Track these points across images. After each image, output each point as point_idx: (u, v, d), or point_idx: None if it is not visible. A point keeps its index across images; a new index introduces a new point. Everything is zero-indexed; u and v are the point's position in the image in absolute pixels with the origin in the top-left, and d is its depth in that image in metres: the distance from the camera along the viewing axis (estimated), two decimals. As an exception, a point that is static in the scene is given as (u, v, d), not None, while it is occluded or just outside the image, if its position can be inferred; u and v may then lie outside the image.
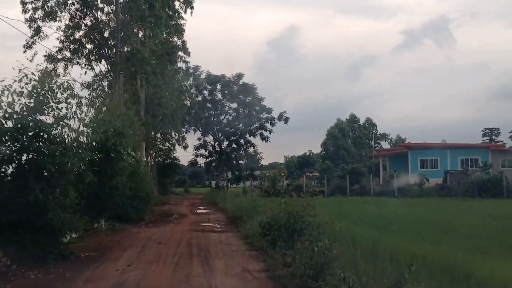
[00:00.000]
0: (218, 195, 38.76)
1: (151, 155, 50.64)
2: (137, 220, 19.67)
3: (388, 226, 16.63)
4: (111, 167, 18.79)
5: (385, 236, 13.62)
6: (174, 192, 63.64)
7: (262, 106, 52.08)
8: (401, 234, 13.82)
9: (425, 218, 20.33)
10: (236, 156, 52.62)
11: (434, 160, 57.48)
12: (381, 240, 12.11)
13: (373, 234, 14.10)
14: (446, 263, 9.08)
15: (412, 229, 15.81)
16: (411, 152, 57.72)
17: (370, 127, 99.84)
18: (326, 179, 52.37)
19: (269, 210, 12.73)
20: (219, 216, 23.66)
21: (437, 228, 16.42)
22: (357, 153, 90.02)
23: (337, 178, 53.86)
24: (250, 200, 20.34)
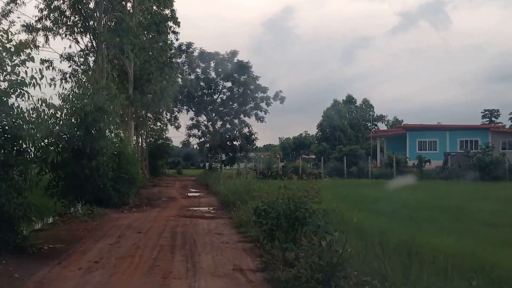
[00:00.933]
0: (211, 177, 37.18)
1: (142, 135, 48.82)
2: (120, 204, 17.98)
3: (396, 213, 15.07)
4: (91, 146, 17.02)
5: (396, 225, 12.04)
6: (166, 173, 61.92)
7: (257, 85, 50.05)
8: (413, 223, 12.20)
9: (433, 203, 18.77)
10: (230, 136, 50.72)
11: (433, 142, 56.33)
12: (394, 230, 10.54)
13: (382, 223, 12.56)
14: (479, 261, 7.45)
15: (423, 216, 14.20)
16: (409, 134, 56.45)
17: (367, 108, 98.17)
18: (322, 161, 50.79)
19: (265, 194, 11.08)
20: (210, 200, 22.02)
21: (450, 214, 14.85)
22: (354, 135, 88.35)
23: (334, 160, 52.41)
24: (244, 183, 18.66)
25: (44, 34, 24.42)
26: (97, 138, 17.40)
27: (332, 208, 8.98)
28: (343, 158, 48.69)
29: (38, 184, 17.54)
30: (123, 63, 31.19)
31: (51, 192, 17.10)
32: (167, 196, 25.07)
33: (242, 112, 50.07)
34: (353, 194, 21.86)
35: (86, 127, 17.20)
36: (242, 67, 49.41)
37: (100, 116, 17.52)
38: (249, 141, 51.16)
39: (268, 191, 11.28)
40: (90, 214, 14.40)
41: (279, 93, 50.70)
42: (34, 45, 23.73)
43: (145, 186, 33.22)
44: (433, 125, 62.58)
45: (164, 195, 26.07)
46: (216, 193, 25.09)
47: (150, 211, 16.94)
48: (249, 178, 18.91)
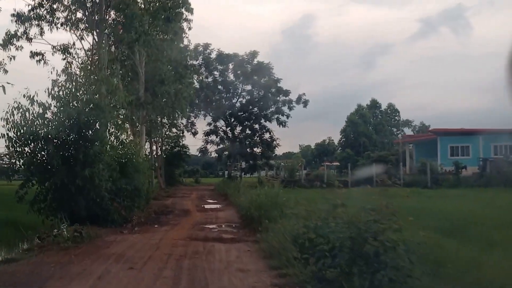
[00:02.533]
0: (230, 187, 34.07)
1: (156, 143, 45.96)
2: (121, 221, 14.87)
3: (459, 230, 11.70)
4: (85, 151, 14.01)
5: (475, 250, 8.75)
6: (183, 183, 58.94)
7: (279, 88, 46.80)
8: (493, 246, 8.93)
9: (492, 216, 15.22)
10: (250, 143, 47.49)
11: (465, 147, 52.49)
12: (482, 262, 7.30)
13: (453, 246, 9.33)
14: None
15: (498, 237, 10.76)
16: (440, 139, 52.78)
17: (392, 113, 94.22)
18: (349, 168, 47.32)
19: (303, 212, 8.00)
20: (230, 214, 18.83)
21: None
22: (379, 141, 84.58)
23: (362, 166, 48.96)
24: (271, 193, 15.38)
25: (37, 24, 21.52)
26: (92, 142, 14.38)
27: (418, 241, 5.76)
28: (372, 165, 45.29)
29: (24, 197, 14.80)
30: (133, 62, 28.40)
31: (38, 208, 14.12)
32: (181, 209, 21.97)
33: (262, 116, 46.85)
34: (395, 206, 18.46)
35: (79, 129, 14.19)
36: (263, 68, 46.26)
37: (96, 115, 14.50)
38: (270, 148, 47.88)
39: (307, 207, 8.26)
40: (77, 237, 11.27)
41: (302, 96, 47.40)
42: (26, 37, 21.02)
43: (158, 197, 30.21)
44: (465, 130, 58.75)
45: (178, 207, 22.98)
46: (236, 205, 21.92)
47: (156, 230, 13.77)
48: (276, 188, 15.66)
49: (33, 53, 21.03)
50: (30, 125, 13.83)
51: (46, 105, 14.12)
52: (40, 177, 14.07)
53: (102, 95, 15.16)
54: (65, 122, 14.20)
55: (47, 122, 14.02)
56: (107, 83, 15.30)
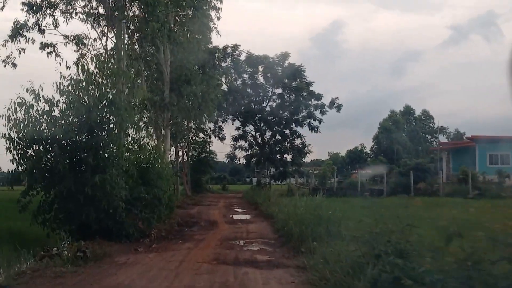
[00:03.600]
0: (260, 195, 31.93)
1: (182, 148, 44.12)
2: (137, 236, 12.81)
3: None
4: (95, 154, 12.03)
5: None
6: (210, 190, 56.96)
7: (311, 91, 44.49)
8: None
9: None
10: (281, 149, 45.20)
11: (505, 155, 49.42)
12: None
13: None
14: None
15: None
16: (478, 146, 49.76)
17: (426, 119, 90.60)
18: (385, 176, 44.72)
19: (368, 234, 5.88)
20: (262, 227, 16.61)
21: None
22: (413, 148, 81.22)
23: (398, 175, 46.14)
24: (311, 205, 13.12)
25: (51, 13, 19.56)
26: (105, 144, 12.41)
27: None
28: (410, 173, 42.52)
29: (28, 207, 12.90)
30: (158, 61, 26.58)
31: (42, 219, 12.19)
32: (207, 220, 19.88)
33: (293, 121, 44.54)
34: (444, 218, 16.10)
35: (90, 128, 12.22)
36: (294, 71, 44.01)
37: (110, 112, 12.52)
38: (301, 154, 45.50)
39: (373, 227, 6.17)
40: (80, 258, 9.22)
41: (335, 100, 45.00)
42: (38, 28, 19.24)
43: (183, 205, 28.27)
44: (506, 137, 55.50)
45: (204, 218, 20.90)
46: (268, 216, 19.76)
47: (177, 248, 11.62)
48: (318, 198, 13.40)
49: (44, 44, 19.24)
50: (34, 124, 11.94)
51: (53, 101, 12.22)
52: (44, 184, 12.13)
53: (118, 91, 13.19)
54: (74, 120, 12.28)
55: (53, 121, 12.11)
56: (124, 76, 13.29)
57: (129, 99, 13.38)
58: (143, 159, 17.91)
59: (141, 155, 17.83)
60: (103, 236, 12.10)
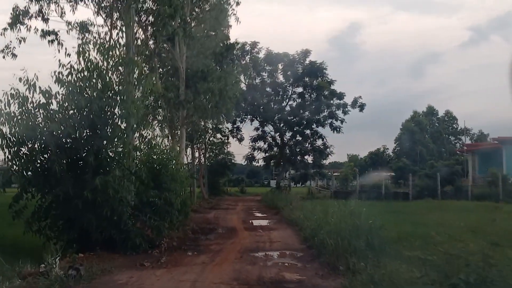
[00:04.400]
0: (280, 198, 30.27)
1: (199, 149, 42.59)
2: (145, 246, 11.16)
3: None
4: (97, 153, 10.47)
5: None
6: (228, 192, 55.34)
7: (332, 90, 42.66)
8: None
9: None
10: (301, 150, 43.37)
11: (533, 157, 47.07)
12: None
13: None
14: None
15: None
16: (505, 148, 47.48)
17: (449, 120, 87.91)
18: (411, 179, 42.72)
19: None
20: (286, 236, 14.87)
21: None
22: (436, 150, 78.67)
23: (425, 177, 44.06)
24: (345, 211, 11.35)
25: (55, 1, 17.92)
26: (108, 141, 10.84)
27: None
28: (437, 176, 40.46)
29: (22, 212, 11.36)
30: (172, 56, 25.05)
31: (38, 227, 10.66)
32: (225, 226, 18.22)
33: (314, 121, 42.72)
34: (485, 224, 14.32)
35: (91, 123, 10.65)
36: (315, 69, 42.26)
37: (115, 105, 10.94)
38: (323, 155, 43.64)
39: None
40: (72, 277, 7.60)
41: (358, 99, 43.06)
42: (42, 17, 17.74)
43: (200, 209, 26.71)
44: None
45: (221, 223, 19.26)
46: (291, 222, 18.08)
47: (190, 263, 9.92)
48: (352, 205, 11.61)
49: (45, 32, 17.71)
50: (29, 118, 10.42)
51: (50, 92, 10.68)
52: (39, 186, 10.59)
53: (125, 81, 11.61)
54: (73, 114, 10.73)
55: (50, 115, 10.56)
56: (131, 64, 11.68)
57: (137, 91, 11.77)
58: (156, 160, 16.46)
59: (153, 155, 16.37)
60: (106, 247, 10.55)
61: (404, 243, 8.67)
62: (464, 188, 40.07)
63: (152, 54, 25.43)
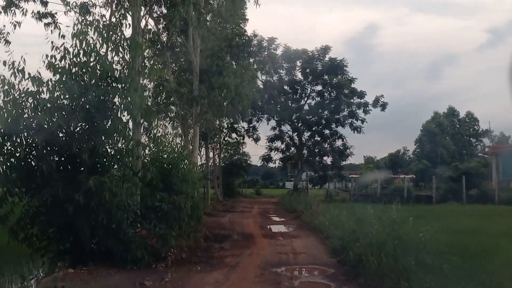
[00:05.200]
0: (299, 201, 28.56)
1: (214, 149, 40.98)
2: (149, 259, 9.50)
3: None
4: (93, 149, 8.89)
5: None
6: (243, 194, 53.64)
7: (353, 89, 40.76)
8: None
9: None
10: (320, 150, 41.48)
11: (559, 161, 45.03)
12: None
13: None
14: None
15: None
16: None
17: (471, 122, 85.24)
18: (434, 182, 40.70)
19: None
20: (312, 245, 13.16)
21: None
22: (458, 152, 76.19)
23: (449, 180, 41.98)
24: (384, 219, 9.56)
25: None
26: (106, 135, 9.24)
27: None
28: (462, 178, 38.43)
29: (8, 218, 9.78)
30: (186, 49, 23.52)
31: (24, 236, 9.09)
32: (241, 232, 16.54)
33: (334, 121, 40.86)
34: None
35: (87, 114, 9.06)
36: (335, 66, 40.42)
37: (114, 93, 9.35)
38: (342, 156, 41.74)
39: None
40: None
41: (379, 98, 41.09)
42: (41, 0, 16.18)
43: (213, 212, 25.10)
44: None
45: (237, 229, 17.59)
46: (314, 228, 16.39)
47: (200, 281, 8.23)
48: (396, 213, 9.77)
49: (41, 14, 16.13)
50: (13, 108, 8.86)
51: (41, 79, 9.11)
52: (25, 188, 9.01)
53: (128, 67, 10.00)
54: (65, 104, 9.14)
55: (39, 105, 8.99)
56: (135, 47, 10.06)
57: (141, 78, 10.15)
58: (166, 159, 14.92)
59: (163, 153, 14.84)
60: (102, 259, 8.93)
61: (463, 259, 6.96)
62: (490, 192, 38.16)
63: (165, 47, 23.96)
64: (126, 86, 9.35)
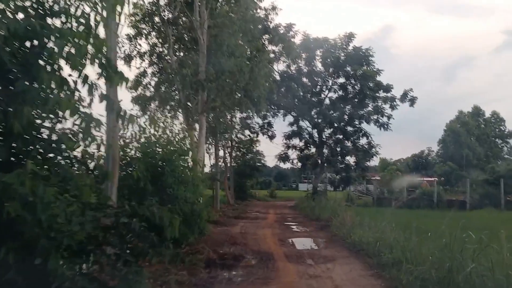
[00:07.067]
0: (322, 206, 24.71)
1: (224, 147, 37.01)
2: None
3: None
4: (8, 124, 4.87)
5: None
6: (255, 196, 49.66)
7: (378, 82, 36.61)
8: None
9: None
10: (342, 149, 37.34)
11: None
12: None
13: None
14: None
15: None
16: None
17: (497, 122, 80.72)
18: (469, 185, 36.69)
19: None
20: (358, 275, 9.11)
21: None
22: (483, 153, 71.83)
23: (484, 183, 37.89)
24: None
25: None
26: (27, 99, 5.26)
27: None
28: (498, 182, 34.43)
29: None
30: (191, 24, 19.77)
31: None
32: (256, 250, 12.58)
33: (358, 117, 36.77)
34: None
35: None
36: (360, 56, 36.27)
37: (45, 33, 5.39)
38: (367, 156, 37.55)
39: None
40: None
41: (408, 92, 36.88)
42: None
43: (222, 219, 21.28)
44: None
45: (251, 246, 13.61)
46: (354, 246, 12.46)
47: None
48: None
49: None
50: None
51: None
52: None
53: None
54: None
55: None
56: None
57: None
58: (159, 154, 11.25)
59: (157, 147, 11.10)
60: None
61: None
62: (535, 197, 34.32)
63: (165, 21, 20.21)
64: (70, 20, 5.43)
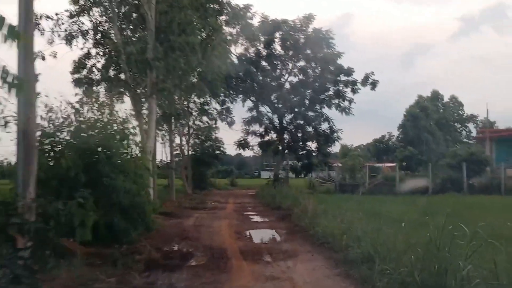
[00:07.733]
0: (282, 194, 23.49)
1: (180, 134, 35.31)
2: None
3: None
4: None
5: None
6: (216, 185, 48.11)
7: (339, 65, 35.66)
8: None
9: None
10: (304, 135, 36.24)
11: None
12: None
13: None
14: None
15: None
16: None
17: (455, 106, 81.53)
18: (430, 169, 36.42)
19: None
20: (322, 275, 7.79)
21: None
22: (443, 138, 72.33)
23: (446, 167, 37.64)
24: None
25: None
26: None
27: None
28: (462, 165, 34.14)
29: None
30: (138, 0, 18.03)
31: None
32: (209, 245, 11.07)
33: (319, 101, 35.72)
34: None
35: None
36: (320, 39, 35.15)
37: None
38: (329, 141, 36.57)
39: None
40: None
41: (369, 76, 35.98)
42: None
43: (176, 211, 19.72)
44: None
45: (203, 239, 12.15)
46: (316, 238, 11.17)
47: None
48: None
49: None
50: None
51: None
52: None
53: None
54: None
55: None
56: None
57: None
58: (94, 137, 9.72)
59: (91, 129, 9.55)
60: None
61: None
62: (495, 180, 34.00)
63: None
64: None
